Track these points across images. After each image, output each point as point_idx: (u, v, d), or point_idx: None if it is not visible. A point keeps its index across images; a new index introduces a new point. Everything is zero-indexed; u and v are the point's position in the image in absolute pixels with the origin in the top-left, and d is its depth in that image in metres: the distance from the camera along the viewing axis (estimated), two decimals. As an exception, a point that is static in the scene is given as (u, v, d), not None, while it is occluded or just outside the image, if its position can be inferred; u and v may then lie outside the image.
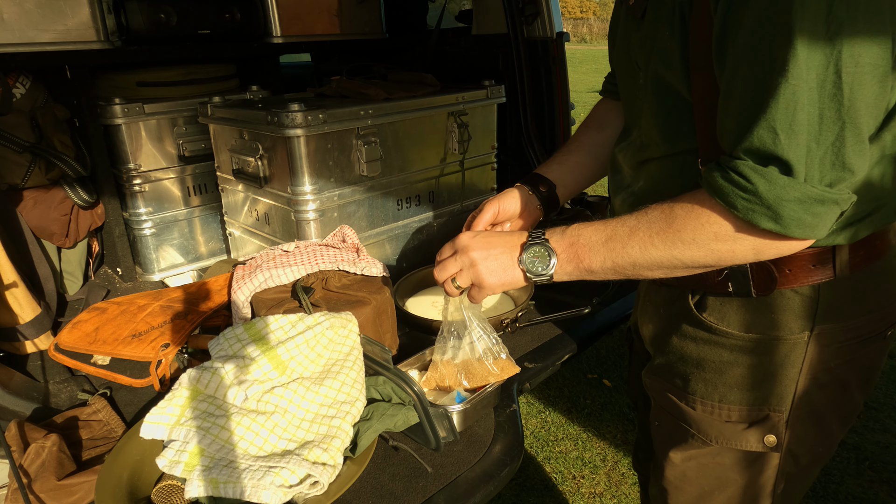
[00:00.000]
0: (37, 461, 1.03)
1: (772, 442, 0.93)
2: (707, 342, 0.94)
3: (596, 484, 2.17)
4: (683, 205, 0.79)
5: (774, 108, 0.67)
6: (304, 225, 1.63)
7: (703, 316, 0.93)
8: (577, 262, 0.86)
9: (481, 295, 0.94)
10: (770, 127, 0.68)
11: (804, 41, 0.65)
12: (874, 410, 2.45)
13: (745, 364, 0.91)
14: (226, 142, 1.80)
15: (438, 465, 1.07)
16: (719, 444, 0.96)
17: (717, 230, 0.77)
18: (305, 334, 1.13)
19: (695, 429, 0.98)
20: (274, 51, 2.31)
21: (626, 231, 0.83)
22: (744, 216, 0.73)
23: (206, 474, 0.92)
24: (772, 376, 0.90)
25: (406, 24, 2.80)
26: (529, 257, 0.89)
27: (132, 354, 1.33)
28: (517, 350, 1.46)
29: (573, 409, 2.60)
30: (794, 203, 0.70)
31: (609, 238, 0.84)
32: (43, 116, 1.80)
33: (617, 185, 1.06)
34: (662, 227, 0.80)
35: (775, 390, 0.91)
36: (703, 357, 0.95)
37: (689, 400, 0.98)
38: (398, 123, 1.74)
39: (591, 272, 0.86)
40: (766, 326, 0.89)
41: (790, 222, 0.71)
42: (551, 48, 2.27)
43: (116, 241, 2.06)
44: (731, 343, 0.92)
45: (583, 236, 0.86)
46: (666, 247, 0.80)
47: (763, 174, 0.70)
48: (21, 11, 1.68)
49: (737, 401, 0.93)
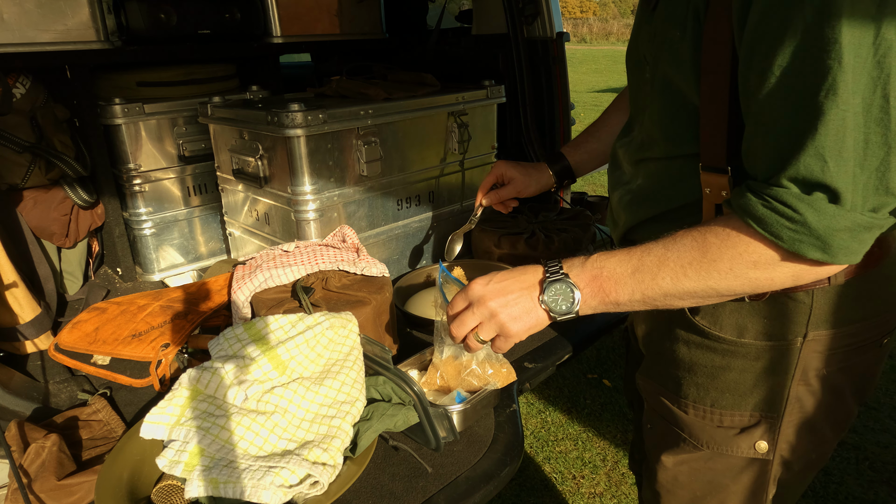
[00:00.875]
0: (37, 461, 1.03)
1: (763, 448, 0.92)
2: (699, 346, 0.93)
3: (596, 484, 2.17)
4: (717, 232, 0.75)
5: (824, 133, 0.64)
6: (304, 225, 1.63)
7: (695, 319, 0.92)
8: (603, 295, 0.81)
9: (507, 344, 0.89)
10: (819, 154, 0.65)
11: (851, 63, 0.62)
12: (874, 410, 2.45)
13: (738, 369, 0.90)
14: (226, 142, 1.81)
15: (438, 465, 1.07)
16: (710, 448, 0.95)
17: (756, 259, 0.73)
18: (305, 334, 1.13)
19: (686, 433, 0.97)
20: (274, 51, 2.31)
21: (655, 261, 0.78)
22: (789, 247, 0.70)
23: (206, 474, 0.92)
24: (764, 382, 0.89)
25: (406, 24, 2.80)
26: (551, 296, 0.83)
27: (132, 354, 1.33)
28: (517, 350, 1.46)
29: (573, 409, 2.60)
30: (843, 232, 0.67)
31: (636, 269, 0.79)
32: (43, 116, 1.80)
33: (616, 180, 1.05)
34: (696, 257, 0.75)
35: (767, 396, 0.90)
36: (695, 361, 0.94)
37: (681, 403, 0.97)
38: (398, 123, 1.74)
39: (617, 305, 0.82)
40: (758, 331, 0.88)
41: (838, 251, 0.69)
42: (551, 48, 2.27)
43: (116, 241, 2.06)
44: (724, 348, 0.90)
45: (606, 268, 0.81)
46: (700, 277, 0.76)
47: (810, 204, 0.67)
48: (21, 11, 1.68)
49: (728, 406, 0.92)
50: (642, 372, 1.07)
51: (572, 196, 2.50)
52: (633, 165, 0.99)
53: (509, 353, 1.44)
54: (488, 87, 1.95)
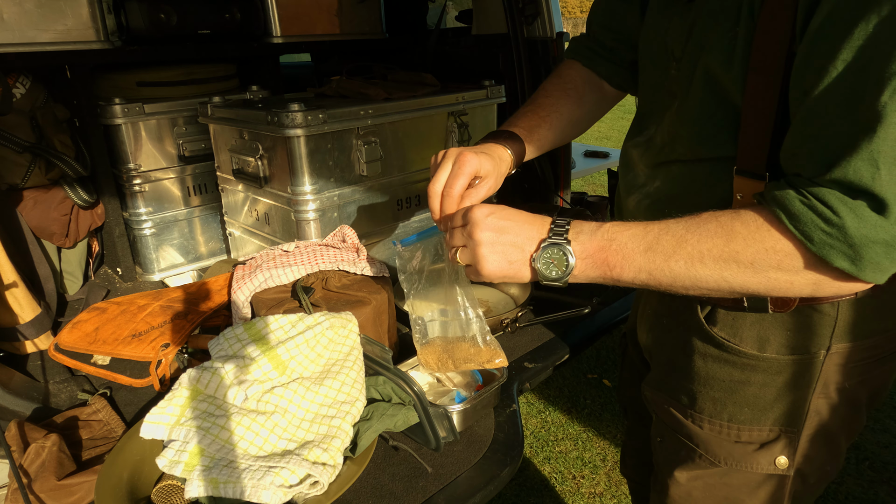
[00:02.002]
0: (37, 461, 1.03)
1: (783, 464, 0.88)
2: (717, 359, 0.89)
3: (596, 484, 2.17)
4: (746, 221, 0.69)
5: (882, 138, 0.60)
6: (304, 225, 1.63)
7: (713, 331, 0.88)
8: (606, 269, 0.76)
9: (477, 278, 0.83)
10: (872, 159, 0.61)
11: None
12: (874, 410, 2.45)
13: (758, 383, 0.86)
14: (226, 142, 1.81)
15: (438, 465, 1.07)
16: (728, 465, 0.91)
17: (781, 259, 0.68)
18: (305, 334, 1.13)
19: (702, 448, 0.93)
20: (274, 51, 2.31)
21: (673, 243, 0.72)
22: (818, 250, 0.65)
23: (206, 474, 0.92)
24: (785, 396, 0.86)
25: (406, 24, 2.80)
26: (545, 260, 0.78)
27: (132, 354, 1.33)
28: (517, 350, 1.46)
29: (573, 409, 2.60)
30: (880, 246, 0.63)
31: (649, 248, 0.73)
32: (43, 116, 1.80)
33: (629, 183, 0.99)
34: (718, 245, 0.70)
35: (788, 410, 0.86)
36: (712, 374, 0.90)
37: (695, 418, 0.93)
38: (398, 123, 1.74)
39: (618, 281, 0.77)
40: (781, 344, 0.84)
41: (868, 265, 0.64)
42: (551, 48, 2.27)
43: (116, 241, 2.06)
44: (743, 362, 0.86)
45: (616, 241, 0.76)
46: (717, 266, 0.70)
47: (853, 208, 0.62)
48: (21, 11, 1.68)
49: (747, 421, 0.89)
50: (650, 384, 1.02)
51: (572, 196, 2.50)
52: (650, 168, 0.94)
53: (509, 354, 1.44)
54: (488, 87, 1.95)
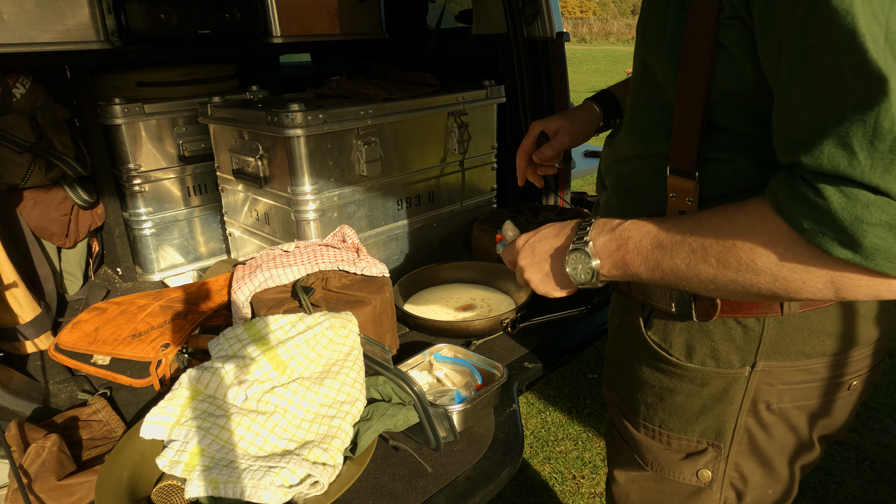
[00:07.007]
0: (37, 461, 1.03)
1: (706, 477, 0.88)
2: (649, 364, 0.89)
3: (596, 484, 2.17)
4: (749, 212, 0.63)
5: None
6: (304, 225, 1.63)
7: (648, 334, 0.88)
8: (625, 267, 0.75)
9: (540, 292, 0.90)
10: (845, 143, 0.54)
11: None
12: (874, 410, 2.45)
13: (685, 392, 0.86)
14: (226, 142, 1.81)
15: (438, 465, 1.07)
16: (654, 471, 0.92)
17: (782, 253, 0.60)
18: (305, 334, 1.13)
19: (637, 452, 0.94)
20: (274, 51, 2.31)
21: (678, 237, 0.69)
22: (811, 239, 0.57)
23: (206, 474, 0.92)
24: (710, 409, 0.85)
25: (406, 24, 2.80)
26: (572, 265, 0.79)
27: (132, 354, 1.33)
28: (517, 350, 1.46)
29: (573, 409, 2.59)
30: (880, 228, 0.53)
31: (657, 244, 0.71)
32: (43, 116, 1.80)
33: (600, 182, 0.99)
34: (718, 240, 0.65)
35: (714, 424, 0.85)
36: (646, 379, 0.90)
37: (633, 420, 0.94)
38: (398, 123, 1.74)
39: (640, 278, 0.75)
40: (705, 355, 0.82)
41: (874, 252, 0.54)
42: (551, 48, 2.27)
43: (116, 241, 2.06)
44: (671, 369, 0.86)
45: (632, 239, 0.74)
46: (721, 266, 0.65)
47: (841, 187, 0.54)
48: (21, 11, 1.68)
49: (676, 429, 0.88)
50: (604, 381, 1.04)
51: (572, 196, 2.50)
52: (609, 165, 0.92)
53: (509, 354, 1.44)
54: (488, 87, 1.95)
